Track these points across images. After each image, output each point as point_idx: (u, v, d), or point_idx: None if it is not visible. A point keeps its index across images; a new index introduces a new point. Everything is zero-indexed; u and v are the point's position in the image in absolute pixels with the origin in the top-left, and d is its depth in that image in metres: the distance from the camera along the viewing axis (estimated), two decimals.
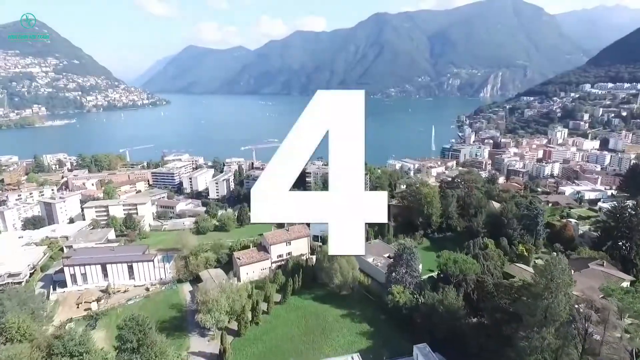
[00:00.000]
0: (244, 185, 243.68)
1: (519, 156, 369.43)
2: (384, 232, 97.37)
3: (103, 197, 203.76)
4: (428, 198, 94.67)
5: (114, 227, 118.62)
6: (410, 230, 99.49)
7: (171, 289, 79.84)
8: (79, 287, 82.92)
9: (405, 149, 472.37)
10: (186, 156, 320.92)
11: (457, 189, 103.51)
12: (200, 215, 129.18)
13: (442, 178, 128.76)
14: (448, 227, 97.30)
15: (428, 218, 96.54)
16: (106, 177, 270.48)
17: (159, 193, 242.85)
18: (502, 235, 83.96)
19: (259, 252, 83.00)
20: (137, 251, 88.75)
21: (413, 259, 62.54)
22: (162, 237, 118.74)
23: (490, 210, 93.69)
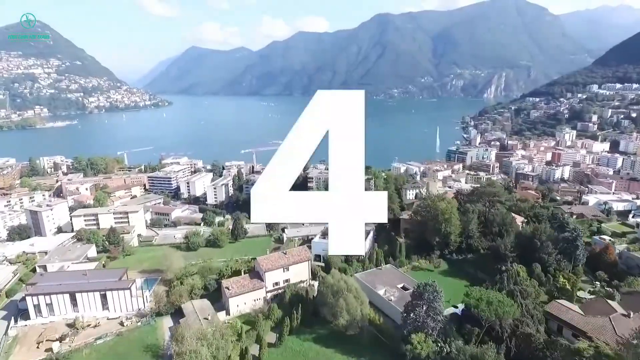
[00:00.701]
0: (243, 191, 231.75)
1: (528, 159, 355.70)
2: (394, 253, 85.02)
3: (94, 204, 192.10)
4: (445, 214, 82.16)
5: (96, 243, 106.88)
6: (424, 249, 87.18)
7: (148, 324, 68.01)
8: (44, 319, 71.28)
9: (409, 151, 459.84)
10: (185, 159, 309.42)
11: (477, 203, 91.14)
12: (189, 231, 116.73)
13: (458, 188, 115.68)
14: (468, 248, 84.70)
15: (445, 237, 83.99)
16: (101, 182, 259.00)
17: (154, 199, 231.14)
18: (534, 260, 71.55)
19: (251, 279, 71.09)
20: (113, 276, 76.99)
21: (436, 299, 50.60)
22: (149, 253, 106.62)
23: (517, 229, 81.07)
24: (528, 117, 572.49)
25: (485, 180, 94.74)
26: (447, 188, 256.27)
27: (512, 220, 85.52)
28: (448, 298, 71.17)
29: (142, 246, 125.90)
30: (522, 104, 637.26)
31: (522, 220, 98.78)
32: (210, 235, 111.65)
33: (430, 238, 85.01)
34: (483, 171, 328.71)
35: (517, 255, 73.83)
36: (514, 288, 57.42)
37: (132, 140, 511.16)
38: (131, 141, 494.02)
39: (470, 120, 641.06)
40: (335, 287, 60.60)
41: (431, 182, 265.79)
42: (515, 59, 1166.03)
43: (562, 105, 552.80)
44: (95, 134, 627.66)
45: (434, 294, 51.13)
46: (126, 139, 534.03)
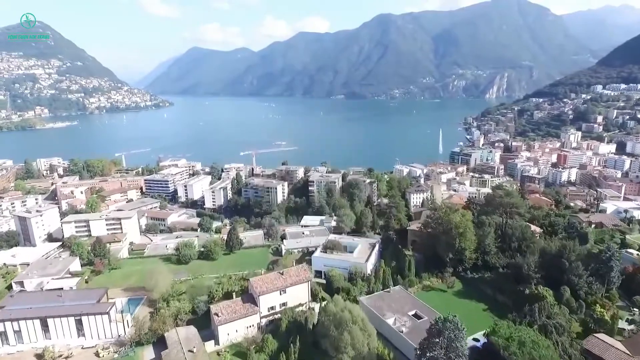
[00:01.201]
0: (242, 195, 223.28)
1: (533, 161, 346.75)
2: (403, 271, 76.64)
3: (86, 209, 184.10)
4: (460, 229, 73.74)
5: (80, 255, 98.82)
6: (436, 265, 78.84)
7: (127, 355, 59.96)
8: (11, 348, 63.31)
9: (411, 152, 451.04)
10: (183, 161, 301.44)
11: (492, 214, 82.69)
12: (181, 242, 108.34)
13: (470, 197, 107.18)
14: (484, 265, 76.26)
15: (460, 253, 75.56)
16: (97, 185, 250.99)
17: (150, 202, 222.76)
18: (562, 282, 63.14)
19: (244, 303, 62.99)
20: (91, 298, 68.92)
21: (458, 338, 42.55)
22: (138, 267, 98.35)
23: (539, 244, 72.51)
24: (531, 117, 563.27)
25: (503, 191, 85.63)
26: (452, 191, 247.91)
27: (532, 234, 76.95)
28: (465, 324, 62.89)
29: (133, 256, 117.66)
30: (525, 104, 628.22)
31: (538, 231, 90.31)
32: (203, 247, 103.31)
33: (443, 253, 76.60)
34: (488, 173, 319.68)
35: (542, 276, 65.37)
36: (547, 322, 49.20)
37: (132, 141, 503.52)
38: (131, 142, 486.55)
39: (473, 121, 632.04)
40: (339, 317, 52.66)
41: (435, 186, 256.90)
42: (517, 59, 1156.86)
43: (567, 106, 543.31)
44: (95, 135, 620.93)
45: (456, 331, 43.04)
46: (126, 139, 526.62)
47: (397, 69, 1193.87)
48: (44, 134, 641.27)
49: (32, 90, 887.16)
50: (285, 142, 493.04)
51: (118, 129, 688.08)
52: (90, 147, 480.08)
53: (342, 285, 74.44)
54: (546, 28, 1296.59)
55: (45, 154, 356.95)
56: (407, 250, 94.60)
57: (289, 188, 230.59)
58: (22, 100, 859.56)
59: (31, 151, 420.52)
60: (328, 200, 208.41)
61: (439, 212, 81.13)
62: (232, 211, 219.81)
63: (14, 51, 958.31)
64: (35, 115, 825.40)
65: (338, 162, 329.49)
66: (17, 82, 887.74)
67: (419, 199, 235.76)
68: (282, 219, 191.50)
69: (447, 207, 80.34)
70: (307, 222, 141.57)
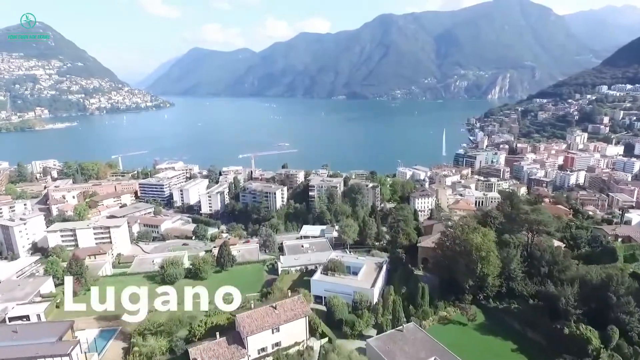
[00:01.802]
0: (239, 200, 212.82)
1: (539, 163, 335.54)
2: (415, 298, 66.05)
3: (73, 216, 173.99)
4: (481, 252, 63.15)
5: (54, 274, 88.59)
6: (452, 290, 68.26)
7: None
8: None
9: (414, 154, 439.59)
10: (180, 164, 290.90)
11: (516, 233, 72.14)
12: (167, 259, 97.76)
13: (488, 212, 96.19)
14: (509, 292, 65.66)
15: (481, 280, 64.95)
16: (90, 189, 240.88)
17: (144, 208, 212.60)
18: (608, 320, 52.62)
19: (229, 345, 52.73)
20: (52, 334, 58.64)
21: None
22: (118, 285, 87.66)
23: (575, 271, 61.76)
24: (536, 118, 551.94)
25: (529, 206, 74.56)
26: (459, 196, 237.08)
27: (565, 257, 66.18)
28: None
29: (115, 273, 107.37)
30: (529, 105, 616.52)
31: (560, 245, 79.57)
32: (192, 265, 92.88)
33: (461, 279, 65.98)
34: (493, 176, 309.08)
35: (583, 312, 54.77)
36: None
37: (131, 142, 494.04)
38: (130, 143, 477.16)
39: (476, 122, 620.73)
40: None
41: (440, 190, 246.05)
42: (520, 60, 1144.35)
43: (572, 107, 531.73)
44: (94, 136, 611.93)
45: None
46: (125, 140, 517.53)
47: (398, 69, 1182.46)
48: (43, 135, 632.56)
49: (33, 91, 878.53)
50: (288, 144, 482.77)
51: (118, 130, 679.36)
52: (88, 149, 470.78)
53: (346, 317, 63.85)
54: (548, 28, 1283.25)
55: (43, 156, 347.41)
56: (418, 269, 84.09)
57: (289, 193, 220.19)
58: (22, 101, 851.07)
59: (29, 153, 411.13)
60: (329, 206, 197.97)
61: (455, 231, 70.31)
62: (229, 217, 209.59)
63: (14, 52, 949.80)
64: (35, 116, 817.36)
65: (339, 165, 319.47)
66: (17, 83, 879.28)
67: (424, 203, 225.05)
68: (280, 226, 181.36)
69: (465, 225, 69.44)
70: (307, 231, 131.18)
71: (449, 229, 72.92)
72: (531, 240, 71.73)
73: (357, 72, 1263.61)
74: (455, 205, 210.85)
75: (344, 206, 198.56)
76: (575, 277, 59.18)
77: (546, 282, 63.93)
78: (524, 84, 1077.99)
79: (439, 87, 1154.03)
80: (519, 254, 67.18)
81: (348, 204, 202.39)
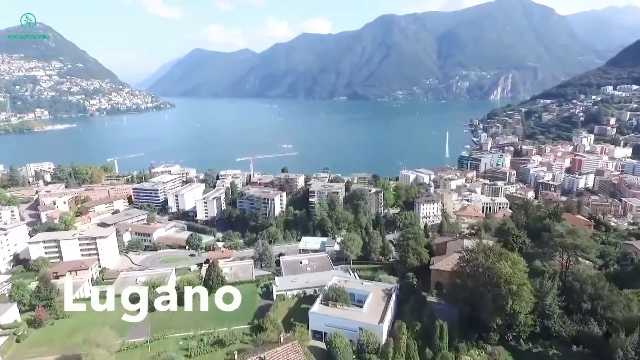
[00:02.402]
0: (236, 206, 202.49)
1: (546, 166, 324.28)
2: (431, 338, 55.74)
3: (60, 224, 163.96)
4: (511, 284, 52.70)
5: (21, 300, 78.22)
6: (473, 326, 57.92)
7: None
8: None
9: (417, 156, 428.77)
10: (177, 167, 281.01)
11: (548, 259, 61.65)
12: (149, 281, 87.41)
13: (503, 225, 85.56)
14: (544, 332, 55.19)
15: (511, 317, 54.51)
16: (83, 194, 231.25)
17: (137, 214, 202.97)
18: None
19: None
20: None
21: None
22: (89, 316, 76.93)
23: (634, 315, 50.93)
24: (540, 119, 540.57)
25: (564, 228, 63.67)
26: (465, 201, 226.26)
27: (612, 291, 55.48)
28: None
29: (101, 286, 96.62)
30: (533, 106, 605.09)
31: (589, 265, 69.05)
32: (176, 287, 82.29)
33: (487, 317, 55.53)
34: (499, 179, 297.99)
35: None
36: None
37: (130, 144, 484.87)
38: (128, 145, 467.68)
39: (479, 123, 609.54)
40: None
41: (446, 195, 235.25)
42: (522, 60, 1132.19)
43: (577, 108, 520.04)
44: (93, 138, 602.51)
45: None
46: (123, 142, 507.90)
47: (400, 70, 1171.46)
48: (42, 137, 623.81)
49: (33, 92, 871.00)
50: (291, 146, 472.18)
51: (117, 132, 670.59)
52: (86, 151, 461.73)
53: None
54: (550, 28, 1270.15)
55: (40, 158, 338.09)
56: (430, 294, 73.69)
57: (288, 198, 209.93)
58: (22, 102, 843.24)
59: (26, 155, 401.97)
60: (330, 212, 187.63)
61: (477, 256, 59.71)
62: (225, 224, 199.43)
63: (14, 53, 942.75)
64: (35, 117, 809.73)
65: (340, 168, 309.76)
66: (17, 84, 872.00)
67: (429, 209, 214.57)
68: (279, 234, 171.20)
69: (489, 250, 58.91)
70: (306, 244, 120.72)
71: (469, 253, 62.26)
72: (566, 267, 61.03)
73: (359, 73, 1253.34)
74: (463, 212, 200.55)
75: (346, 213, 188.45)
76: (631, 320, 48.43)
77: (589, 321, 53.44)
78: (527, 85, 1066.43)
79: (440, 87, 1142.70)
80: (555, 286, 56.52)
81: (350, 210, 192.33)
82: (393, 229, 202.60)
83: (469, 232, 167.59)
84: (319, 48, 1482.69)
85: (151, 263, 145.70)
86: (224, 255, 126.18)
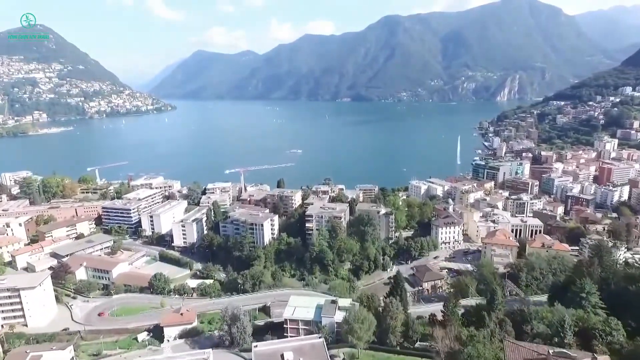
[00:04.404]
0: (219, 231, 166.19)
1: (571, 175, 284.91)
2: None
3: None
4: None
5: None
6: None
7: None
8: None
9: (425, 162, 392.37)
10: (159, 179, 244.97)
11: None
12: None
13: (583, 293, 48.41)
14: None
15: None
16: (46, 212, 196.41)
17: (102, 241, 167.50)
18: None
19: None
20: None
21: None
22: None
23: None
24: (555, 122, 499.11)
25: None
26: (491, 223, 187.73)
27: None
28: None
29: None
30: (546, 107, 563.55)
31: None
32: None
33: None
34: (520, 190, 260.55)
35: None
36: None
37: (120, 150, 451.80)
38: (118, 151, 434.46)
39: (489, 126, 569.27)
40: None
41: (467, 214, 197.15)
42: (529, 61, 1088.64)
43: (596, 110, 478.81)
44: (86, 142, 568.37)
45: None
46: (114, 148, 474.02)
47: (404, 71, 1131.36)
48: (34, 141, 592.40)
49: (31, 95, 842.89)
50: (301, 151, 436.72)
51: (112, 135, 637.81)
52: (74, 156, 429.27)
53: None
54: (558, 28, 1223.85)
55: (22, 165, 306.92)
56: None
57: (282, 221, 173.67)
58: (20, 104, 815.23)
59: (9, 161, 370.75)
60: (331, 242, 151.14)
61: None
62: (204, 253, 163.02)
63: (15, 55, 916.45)
64: (33, 120, 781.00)
65: (343, 178, 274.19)
66: (16, 86, 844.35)
67: (449, 233, 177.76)
68: (266, 274, 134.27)
69: None
70: (294, 310, 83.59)
71: None
72: None
73: (362, 74, 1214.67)
74: (492, 239, 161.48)
75: (350, 242, 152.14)
76: None
77: None
78: (534, 86, 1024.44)
79: (446, 89, 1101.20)
80: None
81: (355, 238, 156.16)
82: (406, 258, 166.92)
83: (507, 271, 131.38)
84: (322, 49, 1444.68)
85: (98, 320, 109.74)
86: (182, 320, 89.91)
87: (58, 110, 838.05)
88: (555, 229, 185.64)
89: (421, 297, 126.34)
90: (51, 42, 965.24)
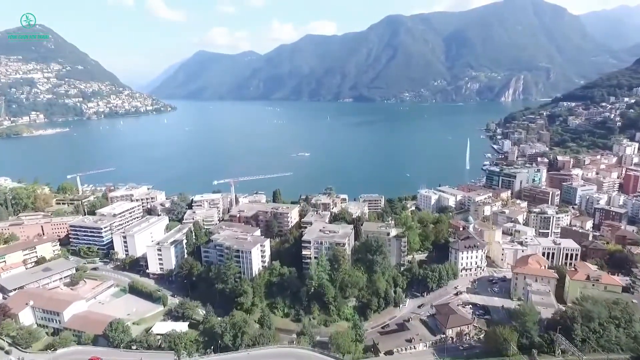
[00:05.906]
0: (201, 257, 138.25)
1: (594, 184, 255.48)
2: None
3: None
4: None
5: None
6: None
7: None
8: None
9: (431, 166, 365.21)
10: (143, 189, 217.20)
11: None
12: None
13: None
14: None
15: None
16: (7, 230, 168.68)
17: (64, 268, 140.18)
18: None
19: None
20: None
21: None
22: None
23: None
24: (566, 124, 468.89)
25: None
26: (519, 246, 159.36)
27: None
28: None
29: None
30: (555, 108, 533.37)
31: None
32: None
33: None
34: (539, 200, 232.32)
35: None
36: None
37: (112, 153, 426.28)
38: (108, 155, 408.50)
39: (497, 128, 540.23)
40: None
41: (488, 232, 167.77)
42: (533, 61, 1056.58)
43: (611, 112, 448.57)
44: (80, 144, 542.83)
45: None
46: (107, 152, 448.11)
47: (407, 71, 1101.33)
48: (28, 143, 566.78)
49: (29, 95, 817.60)
50: (309, 154, 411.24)
51: (109, 137, 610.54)
52: (63, 160, 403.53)
53: None
54: (563, 28, 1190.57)
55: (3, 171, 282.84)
56: None
57: (275, 244, 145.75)
58: (17, 105, 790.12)
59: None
60: (333, 274, 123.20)
61: None
62: (182, 283, 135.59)
63: (13, 55, 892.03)
64: (30, 120, 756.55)
65: (346, 186, 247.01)
66: (13, 87, 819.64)
67: (471, 259, 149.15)
68: (249, 323, 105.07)
69: None
70: None
71: None
72: None
73: (364, 75, 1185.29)
74: (524, 269, 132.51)
75: (356, 274, 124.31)
76: None
77: None
78: (539, 86, 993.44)
79: (449, 89, 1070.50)
80: None
81: (362, 268, 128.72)
82: (421, 289, 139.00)
83: (556, 318, 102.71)
84: (323, 49, 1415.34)
85: None
86: None
87: (55, 111, 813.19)
88: (592, 251, 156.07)
89: (444, 348, 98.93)
90: (50, 42, 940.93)
